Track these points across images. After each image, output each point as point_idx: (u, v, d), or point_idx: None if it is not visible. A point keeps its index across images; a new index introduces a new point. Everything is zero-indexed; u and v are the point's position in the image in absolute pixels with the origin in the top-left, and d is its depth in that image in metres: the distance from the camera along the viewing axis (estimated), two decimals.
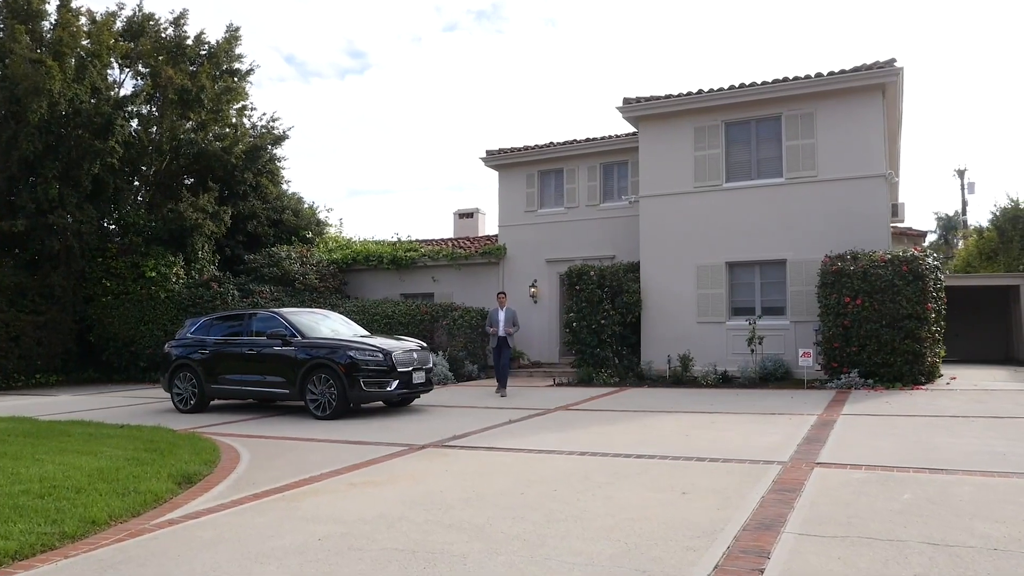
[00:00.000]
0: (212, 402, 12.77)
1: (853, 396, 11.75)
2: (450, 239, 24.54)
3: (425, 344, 12.29)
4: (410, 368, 11.22)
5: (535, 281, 20.61)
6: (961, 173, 43.89)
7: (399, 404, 12.08)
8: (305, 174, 53.76)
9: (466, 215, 26.79)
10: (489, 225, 26.96)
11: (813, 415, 9.76)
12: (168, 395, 12.90)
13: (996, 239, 29.71)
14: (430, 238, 25.05)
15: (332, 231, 28.73)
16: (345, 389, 10.68)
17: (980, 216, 59.02)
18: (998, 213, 29.50)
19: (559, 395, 13.46)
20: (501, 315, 13.86)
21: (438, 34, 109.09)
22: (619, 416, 10.26)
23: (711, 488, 5.68)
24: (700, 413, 10.30)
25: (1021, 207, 28.23)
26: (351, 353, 10.83)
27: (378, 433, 9.27)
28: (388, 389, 10.93)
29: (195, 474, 6.58)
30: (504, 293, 14.90)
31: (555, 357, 20.31)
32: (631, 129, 19.12)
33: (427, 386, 11.77)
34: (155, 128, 21.41)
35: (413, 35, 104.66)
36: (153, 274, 19.74)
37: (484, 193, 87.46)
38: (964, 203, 44.45)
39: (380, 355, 10.89)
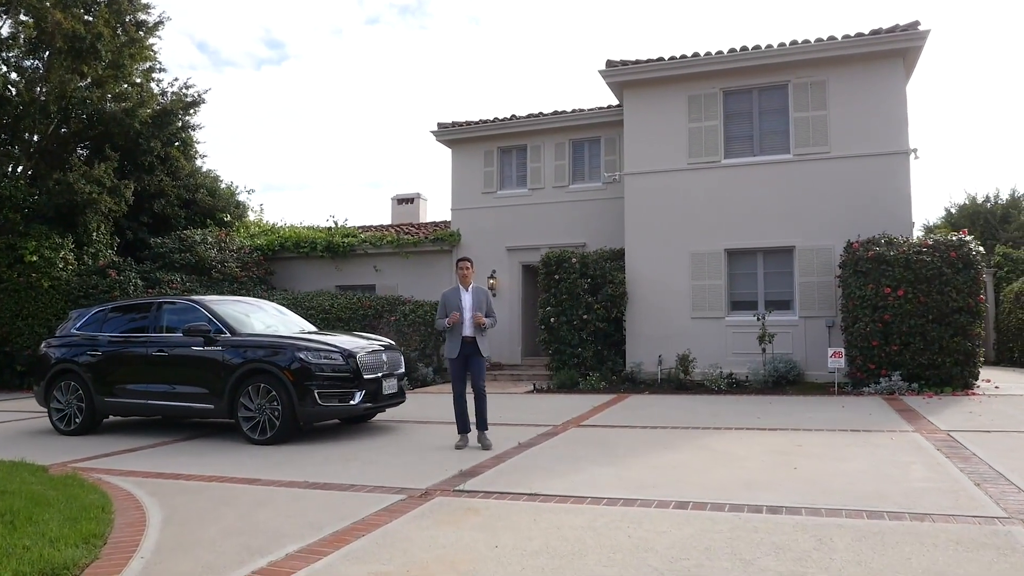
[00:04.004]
0: (107, 419, 9.78)
1: (914, 404, 9.77)
2: (392, 225, 21.76)
3: (394, 343, 9.59)
4: (379, 374, 8.51)
5: (494, 272, 18.17)
6: None
7: (359, 420, 9.40)
8: (217, 165, 49.44)
9: (406, 200, 24.07)
10: (432, 212, 24.37)
11: (907, 431, 7.67)
12: (45, 410, 9.80)
13: None
14: (370, 224, 22.18)
15: (253, 216, 25.49)
16: (293, 403, 7.93)
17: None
18: (954, 210, 28.98)
19: (550, 405, 11.02)
20: (467, 298, 7.68)
21: (360, 27, 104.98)
22: (664, 436, 7.88)
23: None
24: (762, 431, 8.04)
25: (979, 203, 27.70)
26: (301, 355, 8.06)
27: (347, 467, 6.59)
28: (352, 403, 8.18)
29: (67, 567, 3.80)
30: (469, 261, 7.90)
31: (517, 358, 17.90)
32: (604, 103, 16.98)
33: (399, 397, 9.03)
34: (40, 87, 17.79)
35: (334, 27, 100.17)
36: (34, 258, 16.20)
37: (408, 189, 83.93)
38: None
39: (340, 357, 8.17)
